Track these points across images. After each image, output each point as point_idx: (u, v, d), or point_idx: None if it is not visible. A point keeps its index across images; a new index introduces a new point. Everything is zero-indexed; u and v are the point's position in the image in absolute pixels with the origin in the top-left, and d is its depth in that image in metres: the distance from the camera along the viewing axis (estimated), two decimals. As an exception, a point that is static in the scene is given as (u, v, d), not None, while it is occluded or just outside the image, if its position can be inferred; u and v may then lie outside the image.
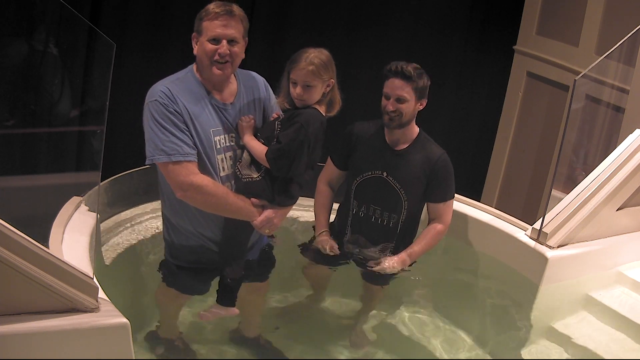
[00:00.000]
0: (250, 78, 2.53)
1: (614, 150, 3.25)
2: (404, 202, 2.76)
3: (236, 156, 2.43)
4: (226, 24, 2.30)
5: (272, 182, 2.39)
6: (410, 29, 4.80)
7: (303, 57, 2.35)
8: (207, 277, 2.55)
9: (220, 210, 2.37)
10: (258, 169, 2.39)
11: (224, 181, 2.40)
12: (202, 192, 2.29)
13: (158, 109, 2.29)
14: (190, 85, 2.37)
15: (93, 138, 2.76)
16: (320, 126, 2.38)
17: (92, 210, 2.63)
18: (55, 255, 1.84)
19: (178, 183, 2.28)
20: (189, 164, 2.28)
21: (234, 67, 2.37)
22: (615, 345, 2.75)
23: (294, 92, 2.36)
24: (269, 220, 2.40)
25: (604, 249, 3.10)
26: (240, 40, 2.35)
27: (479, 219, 3.20)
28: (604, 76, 3.88)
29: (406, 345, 2.71)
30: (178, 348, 2.54)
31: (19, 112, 3.18)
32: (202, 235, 2.46)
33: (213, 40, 2.30)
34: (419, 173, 2.74)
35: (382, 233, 2.80)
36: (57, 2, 2.69)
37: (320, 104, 2.40)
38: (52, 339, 1.80)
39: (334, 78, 2.41)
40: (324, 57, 2.37)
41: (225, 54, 2.30)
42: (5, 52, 3.17)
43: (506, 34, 5.03)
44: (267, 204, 2.40)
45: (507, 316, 2.91)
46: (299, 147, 2.32)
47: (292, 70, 2.36)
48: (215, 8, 2.31)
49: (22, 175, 3.17)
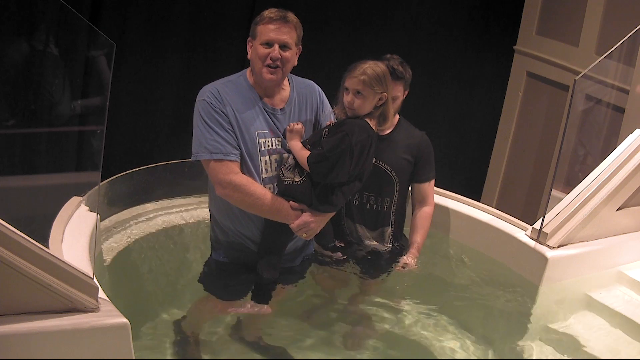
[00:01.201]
0: (305, 86, 2.59)
1: (614, 150, 3.25)
2: (396, 184, 2.84)
3: (282, 160, 2.48)
4: (279, 28, 2.36)
5: (314, 187, 2.42)
6: (411, 29, 4.80)
7: (359, 66, 2.41)
8: (245, 279, 2.59)
9: (258, 210, 2.42)
10: (301, 173, 2.42)
11: (266, 183, 2.45)
12: (240, 191, 2.36)
13: (205, 108, 2.37)
14: (241, 88, 2.44)
15: (93, 138, 2.76)
16: (367, 138, 2.41)
17: (92, 210, 2.63)
18: (55, 255, 1.84)
19: (218, 180, 2.37)
20: (230, 163, 2.36)
21: (284, 72, 2.43)
22: (615, 345, 2.75)
23: (346, 99, 2.42)
24: (306, 224, 2.44)
25: (604, 249, 3.10)
26: (293, 47, 2.41)
27: (479, 219, 3.20)
28: (604, 76, 3.88)
29: (406, 345, 2.71)
30: (188, 344, 2.55)
31: (19, 112, 3.19)
32: (241, 234, 2.52)
33: (266, 44, 2.37)
34: (406, 154, 2.85)
35: (378, 218, 2.87)
36: (57, 2, 2.69)
37: (371, 116, 2.44)
38: (52, 339, 1.80)
39: (387, 92, 2.44)
40: (379, 69, 2.42)
41: (276, 57, 2.36)
42: (5, 52, 3.17)
43: (506, 34, 5.03)
44: (306, 209, 2.44)
45: (507, 316, 2.91)
46: (340, 154, 2.35)
47: (347, 78, 2.42)
48: (270, 13, 2.38)
49: (22, 175, 3.17)
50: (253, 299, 2.51)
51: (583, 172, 3.41)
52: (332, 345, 2.69)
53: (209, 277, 2.65)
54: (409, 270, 2.82)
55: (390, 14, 4.73)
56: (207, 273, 2.66)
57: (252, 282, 2.58)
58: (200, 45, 4.17)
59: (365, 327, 2.82)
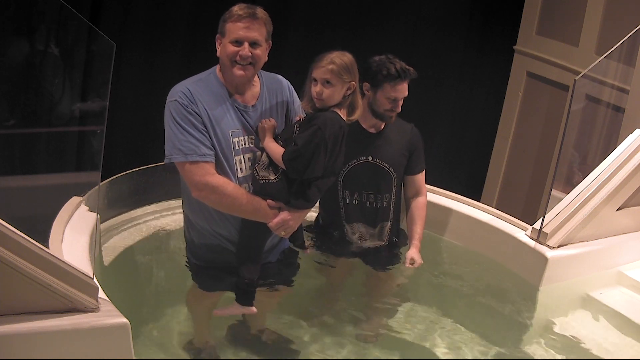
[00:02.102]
0: (275, 81, 2.55)
1: (614, 150, 3.25)
2: (394, 180, 2.87)
3: (255, 158, 2.45)
4: (249, 26, 2.32)
5: (289, 184, 2.40)
6: (411, 28, 4.80)
7: (326, 56, 2.38)
8: (224, 276, 2.56)
9: (236, 210, 2.39)
10: (275, 171, 2.40)
11: (241, 182, 2.42)
12: (217, 192, 2.32)
13: (177, 109, 2.32)
14: (212, 86, 2.40)
15: (93, 138, 2.76)
16: (339, 130, 2.38)
17: (92, 210, 2.63)
18: (55, 255, 1.84)
19: (194, 182, 2.32)
20: (206, 164, 2.32)
21: (256, 69, 2.39)
22: (615, 345, 2.75)
23: (314, 90, 2.38)
24: (284, 222, 2.41)
25: (604, 249, 3.10)
26: (263, 43, 2.37)
27: (479, 219, 3.20)
28: (604, 76, 3.88)
29: (405, 345, 2.71)
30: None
31: (19, 112, 3.19)
32: (218, 235, 2.49)
33: (235, 42, 2.32)
34: (402, 148, 2.87)
35: (377, 215, 2.89)
36: (57, 2, 2.69)
37: (340, 107, 2.41)
38: (52, 339, 1.81)
39: (355, 81, 2.42)
40: (346, 59, 2.40)
41: (246, 56, 2.32)
42: (5, 52, 3.17)
43: (506, 34, 5.03)
44: (283, 206, 2.42)
45: (507, 316, 2.90)
46: (315, 149, 2.33)
47: (314, 69, 2.39)
48: (238, 10, 2.32)
49: (22, 175, 3.18)
50: (237, 301, 2.48)
51: (583, 172, 3.41)
52: (341, 336, 2.70)
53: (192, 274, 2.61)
54: (418, 266, 2.84)
55: (391, 14, 4.73)
56: (193, 273, 2.62)
57: (231, 277, 2.54)
58: (200, 45, 4.17)
59: (375, 319, 2.83)
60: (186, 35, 4.16)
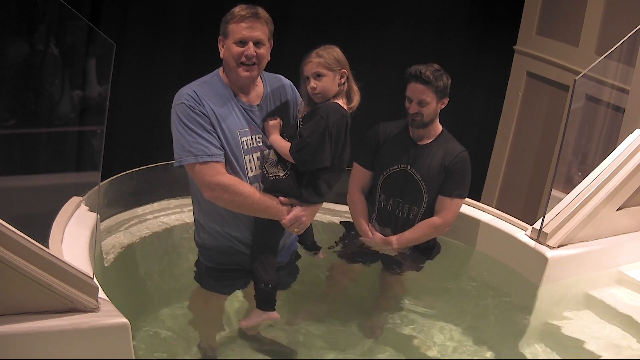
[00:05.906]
0: (277, 81, 2.56)
1: (614, 150, 3.25)
2: (424, 195, 2.87)
3: (264, 157, 2.45)
4: (252, 26, 2.32)
5: (299, 179, 2.41)
6: (411, 28, 4.80)
7: (312, 53, 2.41)
8: (236, 278, 2.57)
9: (248, 209, 2.38)
10: (284, 167, 2.41)
11: (252, 182, 2.42)
12: (229, 191, 2.31)
13: (184, 111, 2.32)
14: (217, 88, 2.40)
15: (93, 138, 2.76)
16: (342, 118, 2.38)
17: (92, 210, 2.63)
18: (55, 255, 1.84)
19: (205, 183, 2.31)
20: (216, 164, 2.31)
21: (260, 68, 2.40)
22: (615, 345, 2.75)
23: (309, 87, 2.39)
24: (297, 218, 2.41)
25: (604, 248, 3.10)
26: (266, 42, 2.38)
27: (479, 219, 3.21)
28: (604, 76, 3.88)
29: (405, 344, 2.71)
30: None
31: (19, 112, 3.19)
32: (230, 236, 2.48)
33: (239, 43, 2.33)
34: (439, 166, 2.86)
35: (402, 225, 2.91)
36: (57, 2, 2.69)
37: (338, 97, 2.42)
38: (52, 339, 1.81)
39: (346, 69, 2.42)
40: (333, 50, 2.42)
41: (252, 55, 2.33)
42: (5, 52, 3.18)
43: (506, 34, 5.03)
44: (295, 202, 2.42)
45: (507, 316, 2.91)
46: (320, 138, 2.34)
47: (304, 67, 2.40)
48: (240, 11, 2.33)
49: (22, 175, 3.17)
50: (258, 307, 2.46)
51: (583, 172, 3.41)
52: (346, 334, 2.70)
53: (199, 276, 2.60)
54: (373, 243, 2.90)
55: (391, 14, 4.73)
56: (197, 273, 2.61)
57: (243, 278, 2.55)
58: (201, 45, 4.17)
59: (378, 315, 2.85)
60: (186, 35, 4.17)
